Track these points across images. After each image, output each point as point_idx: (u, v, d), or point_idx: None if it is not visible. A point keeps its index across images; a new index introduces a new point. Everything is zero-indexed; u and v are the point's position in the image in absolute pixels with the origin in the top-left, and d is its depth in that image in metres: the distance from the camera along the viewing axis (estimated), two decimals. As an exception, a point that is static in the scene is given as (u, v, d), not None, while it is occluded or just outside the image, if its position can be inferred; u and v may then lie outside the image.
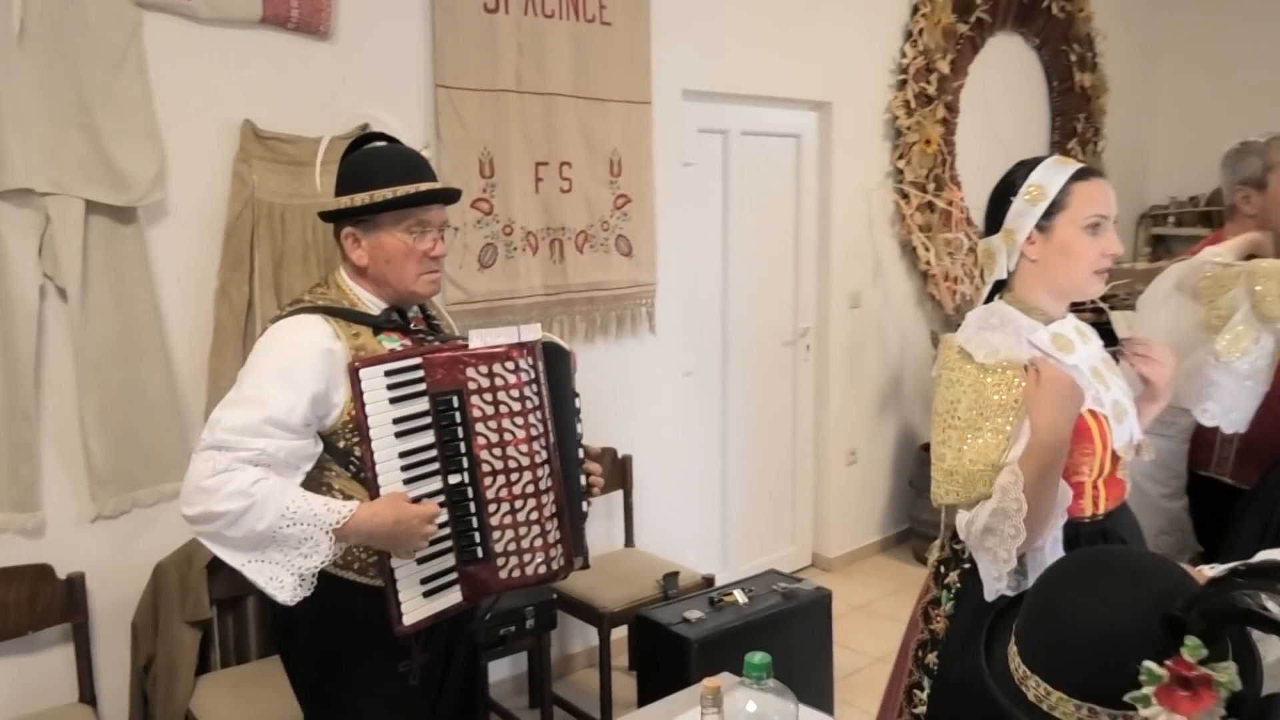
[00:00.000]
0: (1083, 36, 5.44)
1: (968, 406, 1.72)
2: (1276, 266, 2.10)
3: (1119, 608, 1.02)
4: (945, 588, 1.86)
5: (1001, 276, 1.82)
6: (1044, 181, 1.77)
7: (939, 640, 1.85)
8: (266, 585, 1.73)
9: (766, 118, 4.20)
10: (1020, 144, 5.30)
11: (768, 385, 4.41)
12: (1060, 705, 1.04)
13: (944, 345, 1.82)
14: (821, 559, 4.69)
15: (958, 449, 1.71)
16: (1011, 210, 1.79)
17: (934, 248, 4.66)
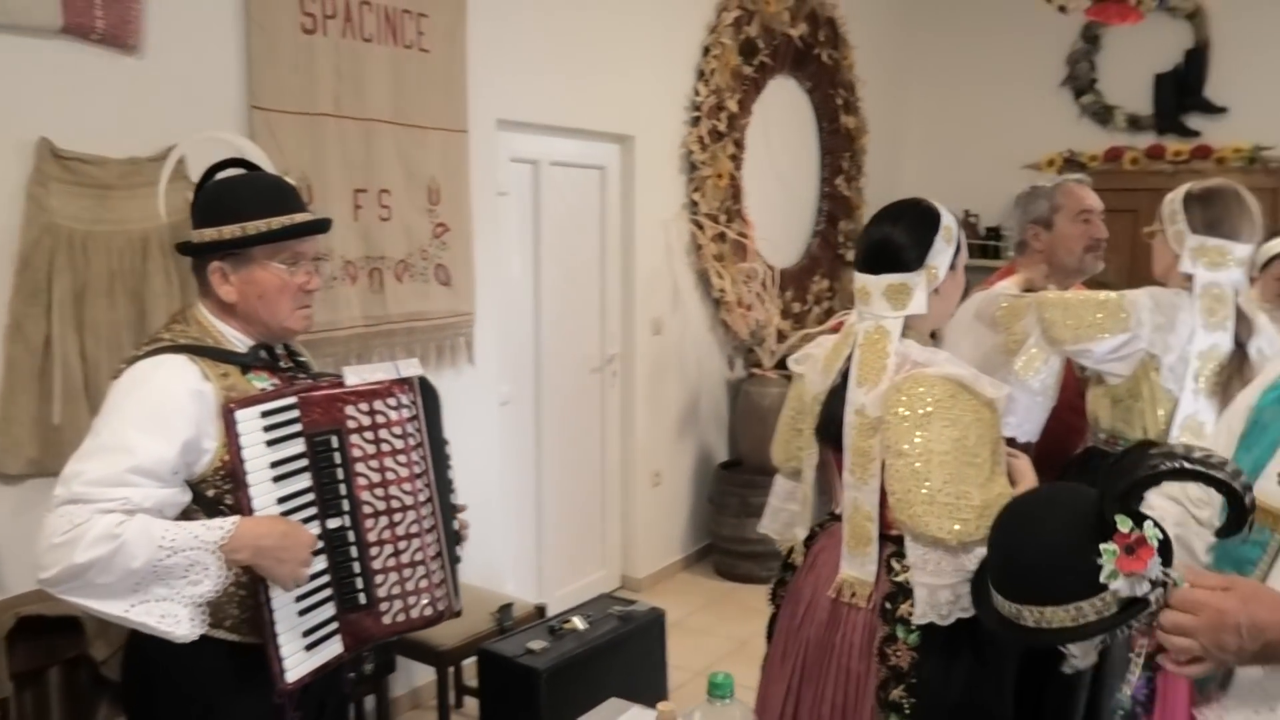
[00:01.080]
0: (847, 82, 5.92)
1: (978, 441, 1.77)
2: (1060, 297, 2.40)
3: (1060, 529, 1.33)
4: (900, 621, 1.86)
5: (921, 311, 1.90)
6: (952, 224, 1.94)
7: (905, 674, 1.86)
8: (159, 624, 1.59)
9: (574, 149, 4.28)
10: (795, 179, 5.70)
11: (578, 412, 4.47)
12: (1055, 616, 1.32)
13: (920, 381, 1.82)
14: (631, 580, 4.79)
15: (984, 485, 1.74)
16: (935, 249, 1.90)
17: (728, 276, 4.90)
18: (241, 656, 1.76)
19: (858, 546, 1.94)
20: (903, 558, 1.87)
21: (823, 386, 2.02)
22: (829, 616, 1.99)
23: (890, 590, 1.90)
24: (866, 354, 1.92)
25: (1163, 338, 2.24)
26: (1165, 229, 2.35)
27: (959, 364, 1.87)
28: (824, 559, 2.06)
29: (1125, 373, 2.30)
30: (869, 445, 1.89)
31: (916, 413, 1.79)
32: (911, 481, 1.77)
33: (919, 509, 1.76)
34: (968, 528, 1.72)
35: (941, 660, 1.85)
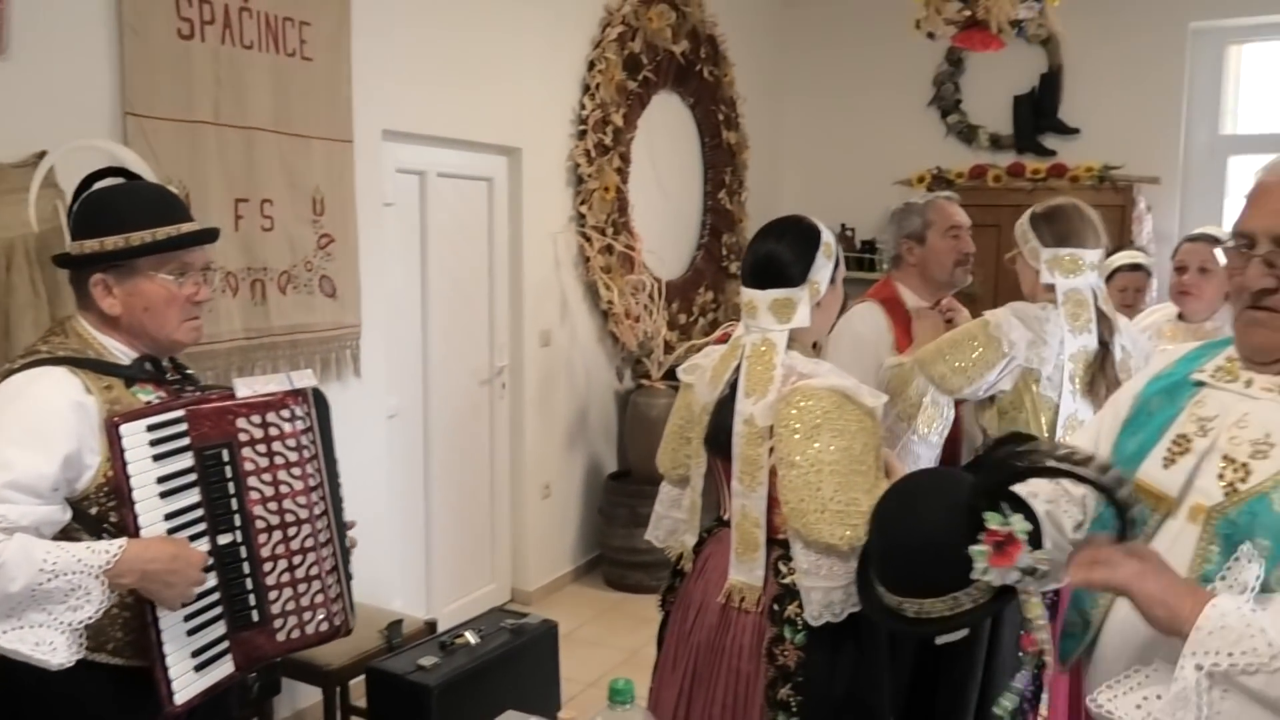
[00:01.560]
0: (728, 99, 6.06)
1: (864, 449, 1.86)
2: (936, 350, 2.53)
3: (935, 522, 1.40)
4: (787, 622, 1.94)
5: (804, 324, 1.98)
6: (831, 241, 2.04)
7: (792, 673, 1.93)
8: (34, 652, 1.52)
9: (461, 160, 4.27)
10: (680, 193, 5.80)
11: (467, 424, 4.44)
12: (934, 607, 1.41)
13: (808, 394, 1.89)
14: (521, 593, 4.77)
15: (870, 490, 1.82)
16: (816, 265, 1.99)
17: (616, 288, 4.95)
18: (124, 681, 1.70)
19: (746, 552, 2.01)
20: (789, 561, 1.95)
21: (710, 397, 2.08)
22: (719, 620, 2.04)
23: (778, 593, 1.97)
24: (754, 366, 1.99)
25: (1037, 353, 2.43)
26: (1022, 249, 2.55)
27: (841, 375, 1.96)
28: (712, 565, 2.12)
29: (1009, 387, 2.48)
30: (757, 454, 1.96)
31: (806, 425, 1.86)
32: (805, 491, 1.85)
33: (812, 518, 1.84)
34: (857, 533, 1.80)
35: (827, 658, 1.93)
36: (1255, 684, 1.12)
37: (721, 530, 2.14)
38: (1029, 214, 2.56)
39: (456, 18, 4.07)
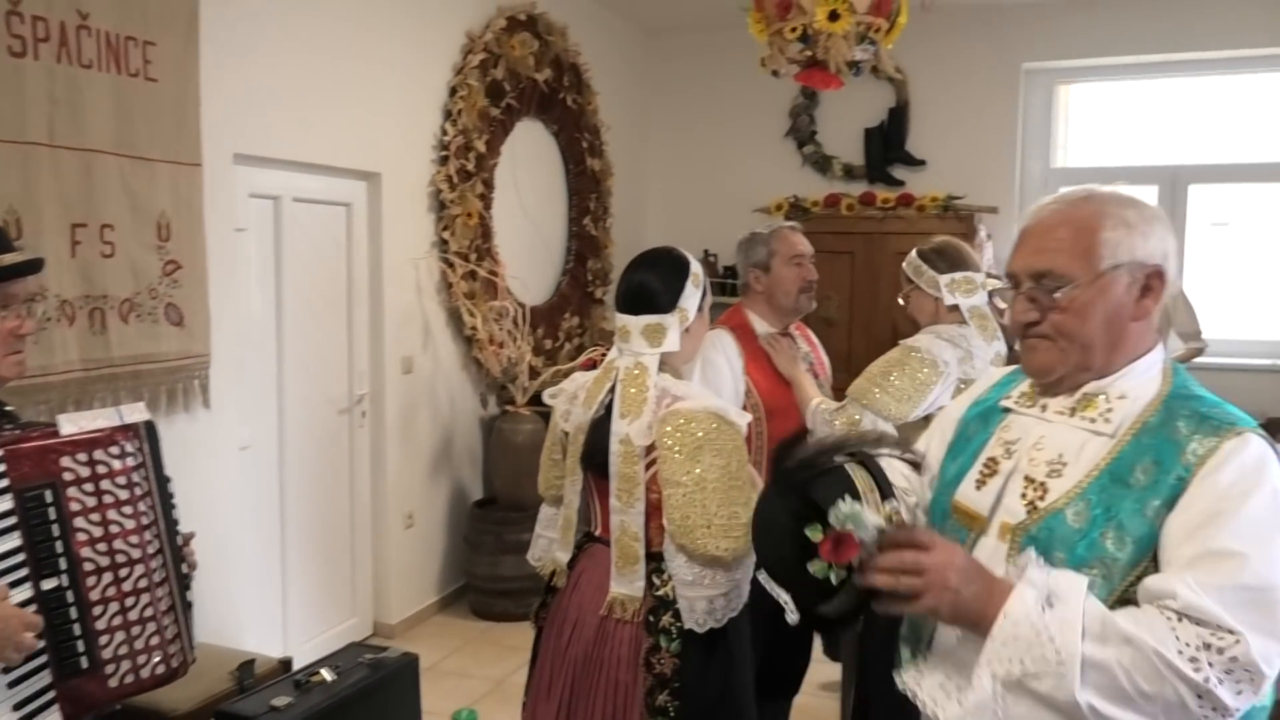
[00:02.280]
0: (592, 126, 6.13)
1: (739, 464, 2.02)
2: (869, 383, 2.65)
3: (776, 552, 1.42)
4: (663, 632, 2.06)
5: (674, 348, 2.12)
6: (699, 271, 2.19)
7: (669, 680, 2.04)
8: None
9: (318, 185, 4.19)
10: (544, 219, 5.83)
11: (325, 455, 4.33)
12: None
13: (686, 416, 2.01)
14: (383, 626, 4.67)
15: (747, 503, 1.94)
16: (685, 293, 2.14)
17: (479, 314, 4.93)
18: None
19: (626, 565, 2.11)
20: (662, 574, 2.07)
21: (585, 418, 2.17)
22: (595, 634, 2.13)
23: (653, 605, 2.08)
24: (627, 388, 2.10)
25: (970, 365, 2.62)
26: (917, 283, 2.76)
27: (710, 395, 2.12)
28: (586, 580, 2.20)
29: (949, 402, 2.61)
30: (634, 471, 2.07)
31: (688, 446, 2.00)
32: (690, 509, 1.98)
33: (699, 533, 1.97)
34: (739, 544, 1.97)
35: (701, 663, 2.06)
36: (1043, 688, 1.20)
37: (593, 546, 2.23)
38: (916, 252, 2.81)
39: (312, 40, 4.01)
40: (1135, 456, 1.32)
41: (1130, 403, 1.37)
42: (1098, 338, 1.38)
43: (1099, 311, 1.37)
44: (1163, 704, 1.17)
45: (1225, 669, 1.16)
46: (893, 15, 2.67)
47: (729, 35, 6.45)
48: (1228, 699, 1.16)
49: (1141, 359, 1.42)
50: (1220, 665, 1.16)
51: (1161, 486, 1.27)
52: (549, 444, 2.37)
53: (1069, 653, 1.18)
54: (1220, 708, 1.16)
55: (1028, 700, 1.21)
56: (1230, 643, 1.16)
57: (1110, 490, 1.31)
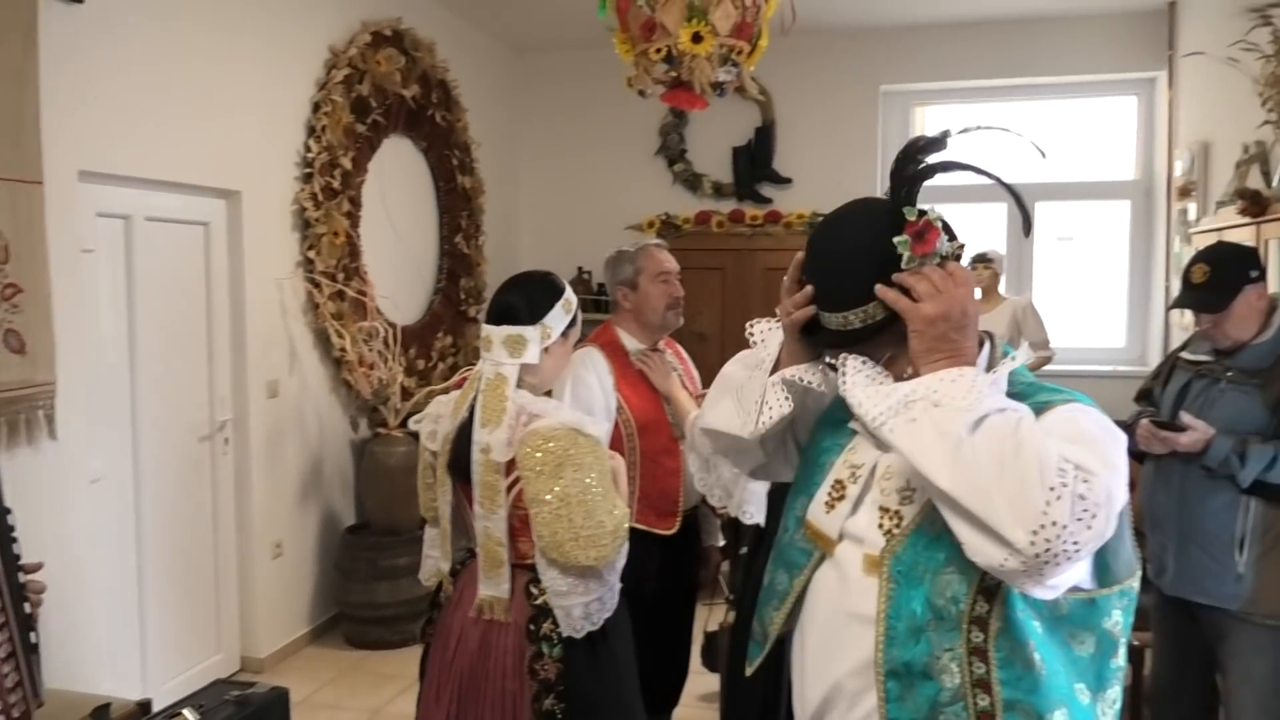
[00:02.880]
0: (462, 143, 6.08)
1: (600, 475, 2.09)
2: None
3: (859, 230, 1.43)
4: (544, 639, 2.13)
5: (533, 361, 2.18)
6: (573, 299, 2.28)
7: (554, 684, 2.11)
8: None
9: (173, 204, 4.01)
10: (415, 238, 5.74)
11: (186, 484, 4.15)
12: (830, 320, 1.44)
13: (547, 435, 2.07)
14: (251, 661, 4.49)
15: (610, 511, 2.08)
16: (552, 314, 2.21)
17: (348, 335, 4.81)
18: None
19: (492, 569, 2.19)
20: (539, 584, 2.14)
21: (451, 427, 2.22)
22: (479, 646, 2.19)
23: (532, 614, 2.15)
24: (488, 397, 2.15)
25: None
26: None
27: (567, 410, 2.19)
28: (468, 594, 2.26)
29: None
30: (494, 479, 2.13)
31: (550, 465, 2.06)
32: (558, 525, 2.05)
33: (569, 546, 2.05)
34: (606, 551, 2.07)
35: (585, 666, 2.14)
36: (935, 415, 1.26)
37: (473, 560, 2.27)
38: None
39: (166, 51, 3.85)
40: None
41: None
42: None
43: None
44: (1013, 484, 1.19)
45: (1076, 495, 1.17)
46: (754, 38, 2.74)
47: (597, 54, 6.49)
48: (1061, 517, 1.17)
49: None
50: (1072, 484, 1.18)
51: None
52: (421, 468, 2.41)
53: (977, 405, 1.25)
54: (1058, 523, 1.17)
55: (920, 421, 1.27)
56: (1084, 478, 1.19)
57: None
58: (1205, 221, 4.16)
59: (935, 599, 1.33)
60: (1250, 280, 2.62)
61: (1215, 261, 2.68)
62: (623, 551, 2.13)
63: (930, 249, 1.36)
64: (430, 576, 2.43)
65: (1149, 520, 2.86)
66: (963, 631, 1.31)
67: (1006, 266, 5.98)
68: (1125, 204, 6.44)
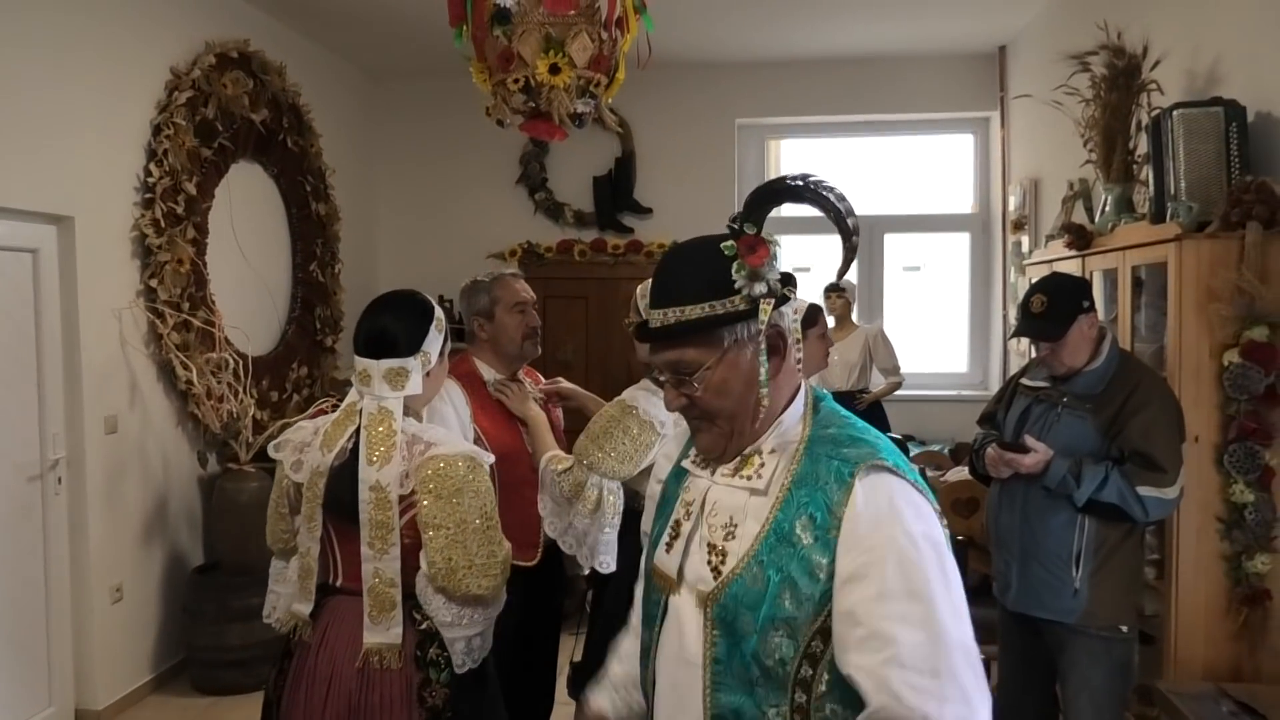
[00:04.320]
0: (316, 170, 5.92)
1: (492, 505, 2.09)
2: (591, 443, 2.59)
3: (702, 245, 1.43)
4: (432, 665, 2.09)
5: (416, 391, 2.14)
6: (442, 316, 2.22)
7: (442, 710, 2.08)
8: None
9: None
10: (265, 265, 5.55)
11: (13, 527, 3.87)
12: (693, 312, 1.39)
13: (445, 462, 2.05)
14: (88, 713, 4.21)
15: (501, 543, 2.09)
16: (429, 338, 2.16)
17: (195, 366, 4.60)
18: None
19: (381, 614, 2.10)
20: (419, 609, 2.10)
21: (323, 462, 2.12)
22: (359, 684, 2.07)
23: (419, 639, 2.10)
24: (373, 433, 2.09)
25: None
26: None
27: (458, 438, 2.18)
28: (334, 634, 2.13)
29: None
30: (387, 518, 2.07)
31: (448, 490, 2.03)
32: (453, 551, 2.02)
33: (462, 574, 2.02)
34: (496, 583, 2.08)
35: (473, 692, 2.12)
36: None
37: (336, 598, 2.16)
38: (641, 288, 2.75)
39: (-12, 70, 3.63)
40: (792, 512, 1.34)
41: (778, 456, 1.41)
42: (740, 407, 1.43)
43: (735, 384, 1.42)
44: None
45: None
46: (612, 70, 2.78)
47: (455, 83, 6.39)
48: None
49: (785, 411, 1.45)
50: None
51: (821, 544, 1.31)
52: (275, 496, 2.29)
53: None
54: None
55: None
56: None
57: (778, 550, 1.33)
58: (1037, 254, 4.43)
59: (764, 658, 1.33)
60: (1083, 310, 2.80)
61: (1052, 292, 2.85)
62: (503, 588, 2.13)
63: (759, 263, 1.37)
64: (281, 617, 2.29)
65: (994, 540, 3.00)
66: (788, 691, 1.33)
67: (858, 295, 6.22)
68: (965, 236, 6.80)
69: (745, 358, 1.40)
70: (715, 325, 1.39)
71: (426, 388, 2.18)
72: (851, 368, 5.71)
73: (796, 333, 1.45)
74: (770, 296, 1.39)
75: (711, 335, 1.40)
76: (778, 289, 1.40)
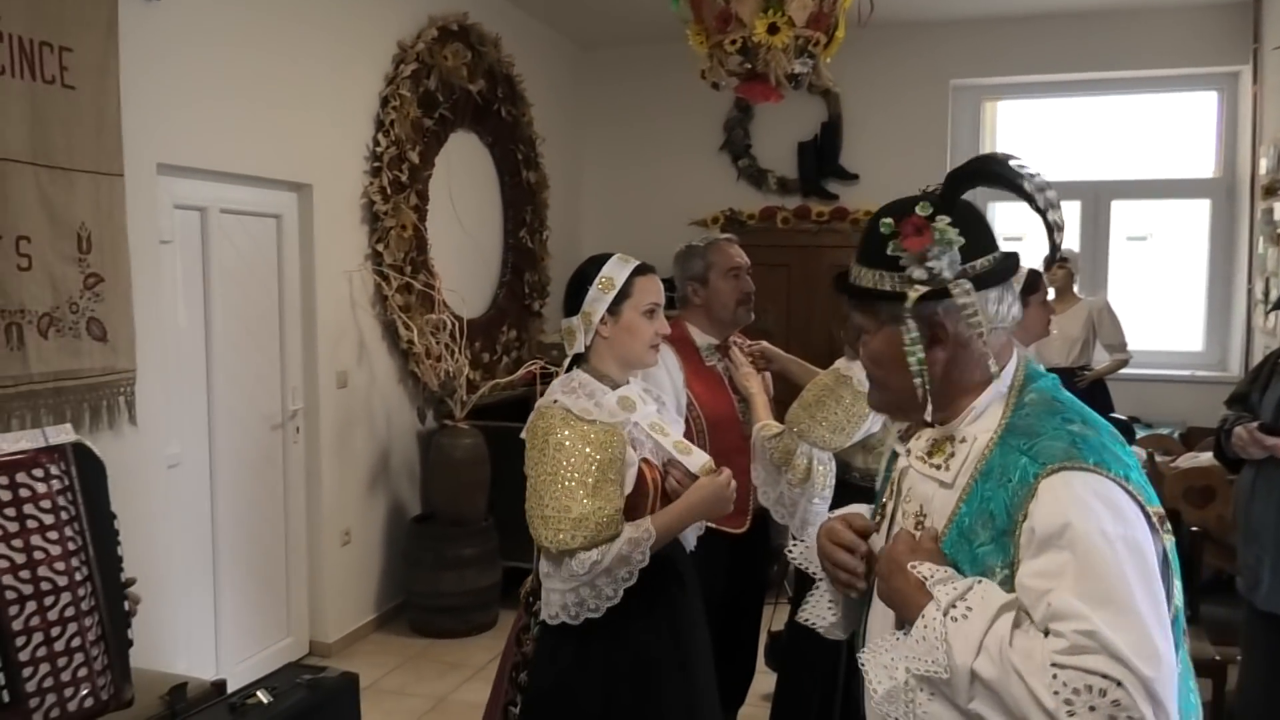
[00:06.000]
0: (527, 138, 6.10)
1: (584, 460, 2.01)
2: (805, 412, 2.60)
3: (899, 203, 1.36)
4: (533, 614, 2.14)
5: (580, 350, 2.16)
6: (613, 275, 2.16)
7: (529, 660, 2.12)
8: None
9: (247, 196, 4.09)
10: (479, 231, 5.77)
11: (258, 471, 4.22)
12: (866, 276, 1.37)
13: (542, 413, 2.07)
14: (320, 645, 4.56)
15: (586, 500, 1.99)
16: (588, 297, 2.14)
17: (415, 327, 4.86)
18: None
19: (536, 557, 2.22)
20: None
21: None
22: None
23: (533, 585, 2.18)
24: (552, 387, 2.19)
25: None
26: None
27: (582, 395, 2.10)
28: None
29: (879, 428, 2.60)
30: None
31: (538, 440, 2.07)
32: (532, 500, 2.04)
33: (537, 524, 2.03)
34: (561, 538, 1.98)
35: (548, 655, 2.12)
36: (944, 690, 1.22)
37: None
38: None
39: (240, 47, 3.92)
40: (975, 507, 1.29)
41: (969, 445, 1.34)
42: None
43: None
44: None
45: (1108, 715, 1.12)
46: (831, 29, 2.70)
47: (663, 49, 6.49)
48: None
49: (980, 396, 1.37)
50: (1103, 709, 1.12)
51: (997, 548, 1.25)
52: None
53: (959, 665, 1.19)
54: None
55: (940, 698, 1.23)
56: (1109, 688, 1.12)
57: (959, 547, 1.30)
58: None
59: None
60: None
61: None
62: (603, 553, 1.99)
63: (915, 248, 1.30)
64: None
65: (1243, 531, 2.75)
66: None
67: (1081, 266, 5.84)
68: (1205, 203, 6.24)
69: (900, 338, 1.34)
70: (872, 298, 1.37)
71: (606, 350, 2.16)
72: (1073, 343, 5.37)
73: (978, 326, 1.31)
74: (928, 284, 1.31)
75: (873, 305, 1.38)
76: (941, 280, 1.31)
